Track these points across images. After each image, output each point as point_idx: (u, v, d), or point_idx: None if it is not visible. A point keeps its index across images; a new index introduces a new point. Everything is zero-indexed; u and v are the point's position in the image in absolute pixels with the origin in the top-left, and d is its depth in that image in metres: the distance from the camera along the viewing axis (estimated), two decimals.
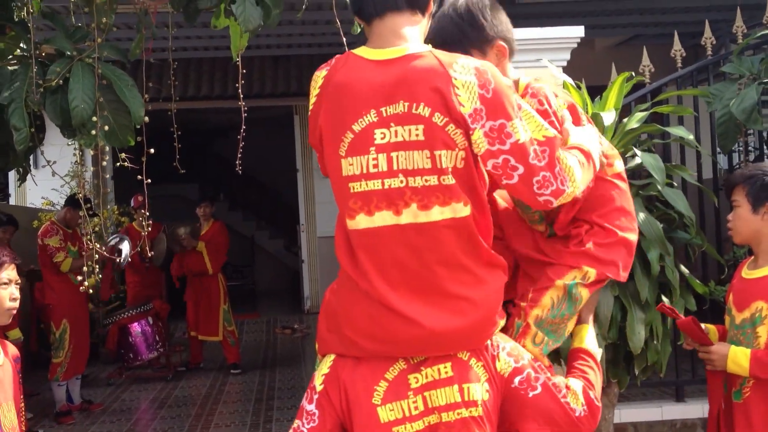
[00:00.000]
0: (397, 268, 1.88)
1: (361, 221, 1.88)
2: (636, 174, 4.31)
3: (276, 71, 10.63)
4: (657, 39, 9.33)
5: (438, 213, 1.86)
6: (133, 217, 8.78)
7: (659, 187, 3.97)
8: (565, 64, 4.89)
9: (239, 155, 3.87)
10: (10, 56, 3.29)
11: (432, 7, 2.06)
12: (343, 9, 3.23)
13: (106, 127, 3.23)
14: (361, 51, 1.94)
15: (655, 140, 4.27)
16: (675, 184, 4.14)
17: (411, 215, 1.86)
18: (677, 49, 5.09)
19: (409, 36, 1.94)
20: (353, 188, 1.88)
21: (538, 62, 4.63)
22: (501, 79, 1.90)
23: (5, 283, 2.77)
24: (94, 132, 3.18)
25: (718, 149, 4.99)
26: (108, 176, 9.58)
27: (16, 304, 2.81)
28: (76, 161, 3.78)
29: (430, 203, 1.86)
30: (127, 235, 8.25)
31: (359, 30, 3.05)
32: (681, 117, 4.99)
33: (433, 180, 1.86)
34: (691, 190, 4.46)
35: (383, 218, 1.87)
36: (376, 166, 1.85)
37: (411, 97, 1.84)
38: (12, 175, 9.66)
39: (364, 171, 1.86)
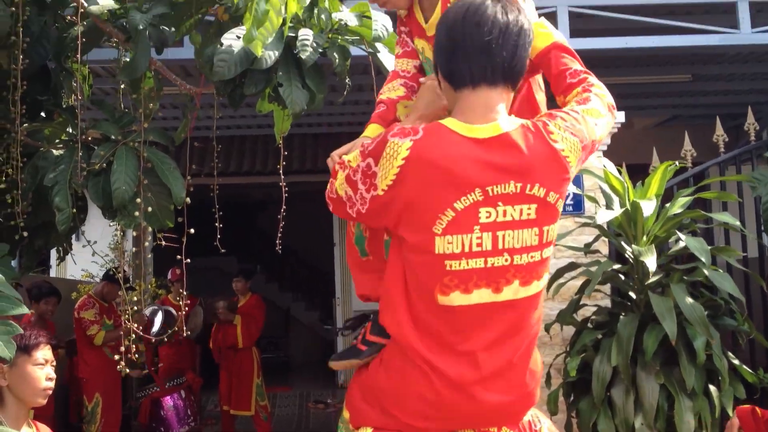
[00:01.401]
0: (485, 345, 1.86)
1: (456, 299, 1.83)
2: (680, 259, 4.26)
3: (316, 148, 10.77)
4: (698, 119, 9.31)
5: (535, 287, 1.88)
6: (170, 289, 8.82)
7: (705, 271, 3.91)
8: (605, 148, 4.89)
9: (279, 235, 3.89)
10: (57, 140, 3.36)
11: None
12: None
13: (149, 209, 3.27)
14: (454, 125, 1.85)
15: (699, 225, 4.22)
16: (720, 270, 4.07)
17: (512, 292, 1.85)
18: (719, 134, 5.07)
19: (500, 110, 1.89)
20: (450, 266, 1.81)
21: None
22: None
23: (41, 364, 2.78)
24: (136, 213, 3.21)
25: (763, 233, 4.90)
26: (147, 248, 9.68)
27: (52, 384, 2.81)
28: (118, 239, 3.83)
29: (531, 278, 1.86)
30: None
31: None
32: (725, 201, 4.93)
33: (537, 255, 1.85)
34: (736, 274, 4.38)
35: (481, 296, 1.83)
36: (479, 245, 1.81)
37: (525, 179, 1.81)
38: (53, 250, 9.82)
39: (466, 249, 1.80)
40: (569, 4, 5.72)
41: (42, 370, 2.79)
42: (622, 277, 4.31)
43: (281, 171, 3.85)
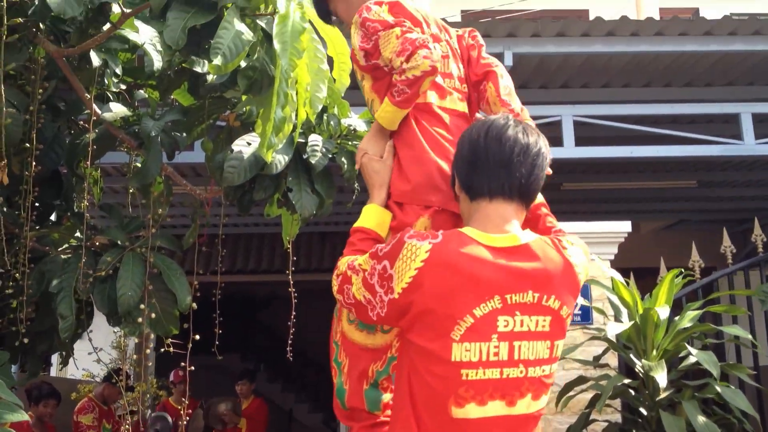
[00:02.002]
0: None
1: (472, 411, 1.78)
2: (690, 374, 4.18)
3: (323, 247, 10.80)
4: (704, 224, 9.33)
5: (543, 401, 1.86)
6: (171, 391, 8.67)
7: (717, 388, 3.83)
8: (612, 257, 4.88)
9: (290, 341, 3.84)
10: (66, 245, 3.36)
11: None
12: None
13: (153, 315, 3.24)
14: (473, 233, 1.87)
15: (709, 339, 4.15)
16: (732, 386, 3.98)
17: (525, 406, 1.83)
18: (727, 245, 5.06)
19: (516, 224, 1.92)
20: (467, 375, 1.77)
21: None
22: None
23: None
24: (140, 320, 3.18)
25: None
26: (150, 355, 9.58)
27: None
28: (119, 344, 3.78)
29: (541, 392, 1.85)
30: (165, 410, 8.12)
31: None
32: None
33: (547, 369, 1.86)
34: (749, 390, 4.28)
35: (495, 409, 1.79)
36: (497, 354, 1.78)
37: (542, 290, 1.82)
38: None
39: (483, 359, 1.77)
40: (573, 114, 5.81)
41: None
42: (633, 392, 4.22)
43: (290, 276, 3.83)
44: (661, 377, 3.71)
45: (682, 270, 4.23)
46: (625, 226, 4.91)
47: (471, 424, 1.79)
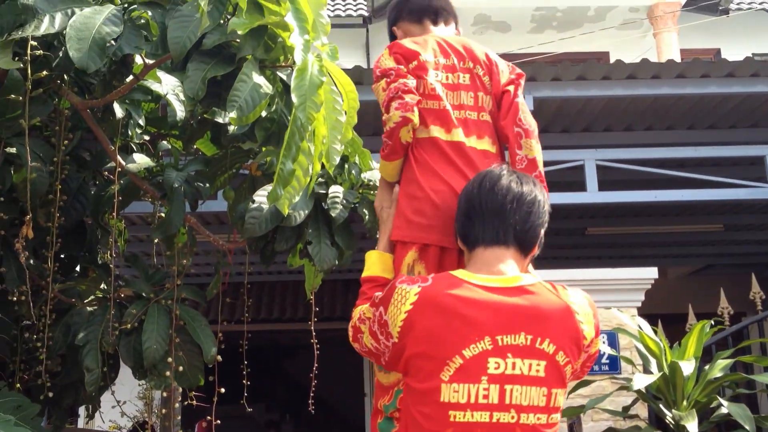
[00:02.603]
0: None
1: None
2: (723, 426, 4.09)
3: (347, 295, 10.77)
4: (732, 269, 9.21)
5: None
6: None
7: None
8: (639, 304, 4.82)
9: (311, 394, 3.81)
10: (91, 297, 3.37)
11: (536, 251, 2.03)
12: None
13: (180, 368, 3.23)
14: (465, 275, 1.87)
15: (741, 390, 4.07)
16: None
17: None
18: (756, 291, 4.99)
19: (515, 267, 1.91)
20: (454, 417, 1.74)
21: (612, 303, 4.57)
22: None
23: None
24: (168, 373, 3.17)
25: None
26: (177, 410, 9.54)
27: None
28: (145, 397, 3.76)
29: None
30: None
31: None
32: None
33: (544, 419, 1.78)
34: None
35: None
36: (486, 396, 1.74)
37: (536, 332, 1.78)
38: None
39: (472, 401, 1.74)
40: (596, 158, 5.80)
41: None
42: None
43: (312, 329, 3.82)
44: (692, 426, 3.64)
45: (712, 322, 4.17)
46: (651, 273, 4.85)
47: None
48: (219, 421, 3.48)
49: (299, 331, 12.68)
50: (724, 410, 3.89)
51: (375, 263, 2.25)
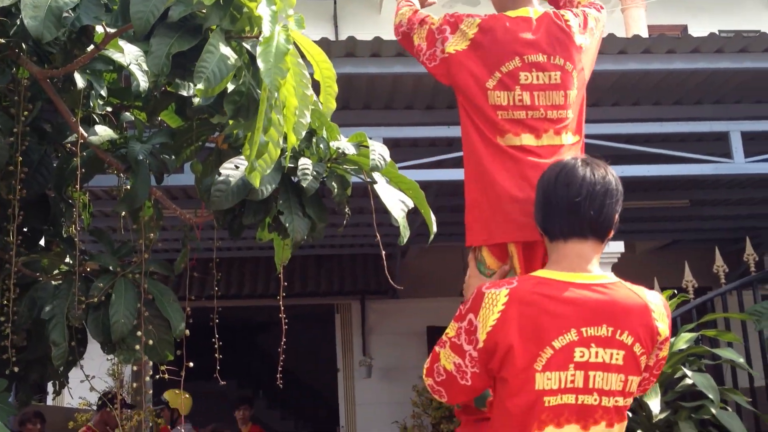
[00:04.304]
0: None
1: None
2: (687, 396, 4.16)
3: (318, 270, 10.77)
4: (698, 243, 9.34)
5: (616, 429, 2.01)
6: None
7: (713, 410, 3.81)
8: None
9: (280, 367, 3.82)
10: (56, 271, 3.34)
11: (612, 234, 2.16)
12: (382, 214, 3.30)
13: (149, 342, 3.22)
14: (547, 273, 2.05)
15: (705, 361, 4.14)
16: (729, 408, 3.96)
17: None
18: (719, 265, 5.06)
19: (594, 262, 2.06)
20: (548, 402, 1.95)
21: None
22: None
23: None
24: (137, 347, 3.16)
25: None
26: (148, 383, 9.52)
27: None
28: (114, 372, 3.75)
29: (613, 423, 1.99)
30: None
31: (404, 241, 3.09)
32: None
33: (621, 401, 2.00)
34: (745, 412, 4.25)
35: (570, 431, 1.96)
36: (572, 382, 1.95)
37: (616, 324, 1.97)
38: None
39: (561, 386, 1.94)
40: None
41: None
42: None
43: (281, 303, 3.82)
44: (655, 403, 3.71)
45: (675, 291, 4.24)
46: (618, 247, 4.90)
47: None
48: (188, 395, 3.48)
49: (271, 308, 12.60)
50: (688, 381, 3.96)
51: None
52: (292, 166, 3.12)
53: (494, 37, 2.51)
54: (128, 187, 3.19)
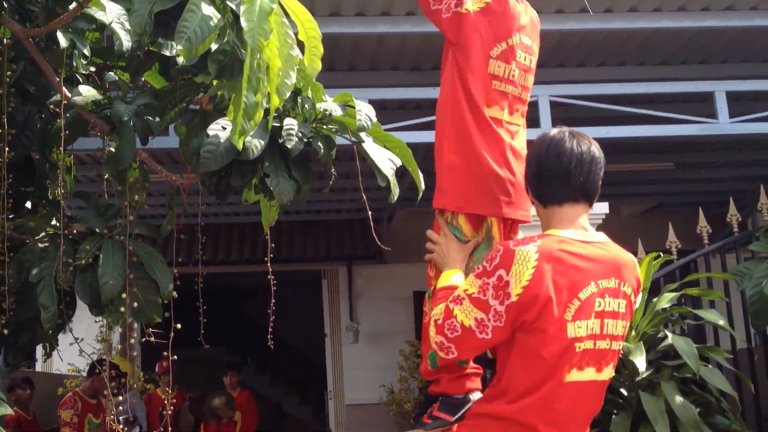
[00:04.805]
0: (580, 417, 2.24)
1: (574, 375, 2.16)
2: (669, 355, 4.21)
3: (305, 236, 10.78)
4: (683, 207, 9.39)
5: (612, 371, 2.27)
6: (158, 383, 8.67)
7: (694, 369, 3.87)
8: None
9: (270, 329, 3.84)
10: (43, 234, 3.34)
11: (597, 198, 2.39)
12: (369, 177, 3.30)
13: (135, 304, 3.23)
14: (560, 233, 2.22)
15: (687, 321, 4.19)
16: (710, 365, 4.02)
17: (607, 373, 2.24)
18: (703, 225, 5.09)
19: (587, 224, 2.29)
20: (579, 347, 2.15)
21: None
22: None
23: None
24: (123, 309, 3.17)
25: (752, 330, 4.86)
26: (134, 345, 9.54)
27: None
28: (103, 336, 3.76)
29: (615, 363, 2.26)
30: (150, 401, 8.15)
31: (395, 198, 3.10)
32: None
33: (620, 345, 2.27)
34: (727, 370, 4.31)
35: (589, 374, 2.18)
36: (593, 329, 2.17)
37: (621, 277, 2.22)
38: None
39: (587, 333, 2.15)
40: (550, 94, 5.82)
41: None
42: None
43: (269, 264, 3.82)
44: (640, 361, 3.75)
45: (660, 254, 4.27)
46: (602, 208, 4.92)
47: (573, 386, 2.16)
48: (175, 357, 3.49)
49: (258, 274, 12.64)
50: (670, 340, 4.00)
51: (448, 276, 2.46)
52: (278, 126, 3.11)
53: (506, 9, 2.59)
54: (112, 149, 3.18)
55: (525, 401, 2.17)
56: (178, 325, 3.46)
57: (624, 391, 4.16)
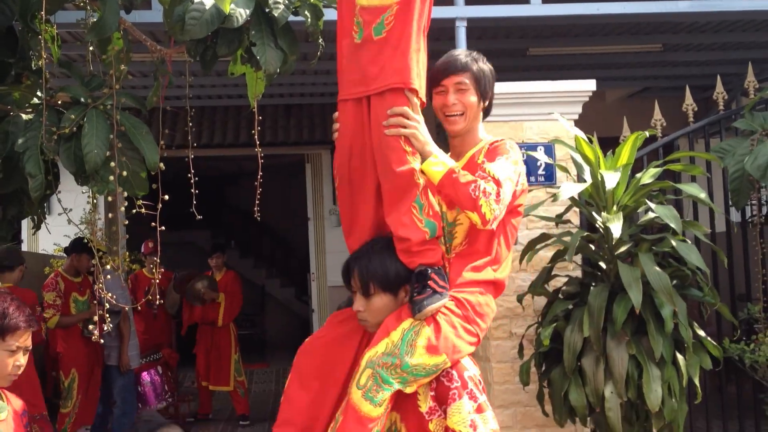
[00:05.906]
0: None
1: None
2: (648, 229, 4.29)
3: (288, 120, 10.71)
4: (668, 91, 9.37)
5: None
6: (144, 263, 8.77)
7: (673, 243, 3.95)
8: (576, 117, 4.89)
9: (257, 204, 3.86)
10: (27, 104, 3.30)
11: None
12: None
13: (124, 173, 3.23)
14: None
15: (668, 196, 4.25)
16: (688, 240, 4.10)
17: None
18: (689, 103, 5.09)
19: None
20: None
21: (549, 115, 4.65)
22: None
23: (13, 351, 2.72)
24: (111, 177, 3.17)
25: (731, 204, 4.93)
26: (122, 215, 9.56)
27: (20, 371, 2.76)
28: (90, 209, 3.77)
29: None
30: (137, 281, 8.27)
31: None
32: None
33: None
34: (704, 246, 4.41)
35: None
36: None
37: None
38: (25, 222, 9.65)
39: None
40: None
41: (11, 356, 2.72)
42: (593, 247, 4.33)
43: (256, 137, 3.81)
44: (616, 228, 3.81)
45: (646, 133, 4.28)
46: (589, 85, 4.89)
47: None
48: (163, 228, 3.50)
49: (242, 158, 12.65)
50: (651, 215, 4.06)
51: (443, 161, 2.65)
52: None
53: None
54: (95, 20, 3.11)
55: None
56: (166, 197, 3.47)
57: (603, 264, 4.26)
